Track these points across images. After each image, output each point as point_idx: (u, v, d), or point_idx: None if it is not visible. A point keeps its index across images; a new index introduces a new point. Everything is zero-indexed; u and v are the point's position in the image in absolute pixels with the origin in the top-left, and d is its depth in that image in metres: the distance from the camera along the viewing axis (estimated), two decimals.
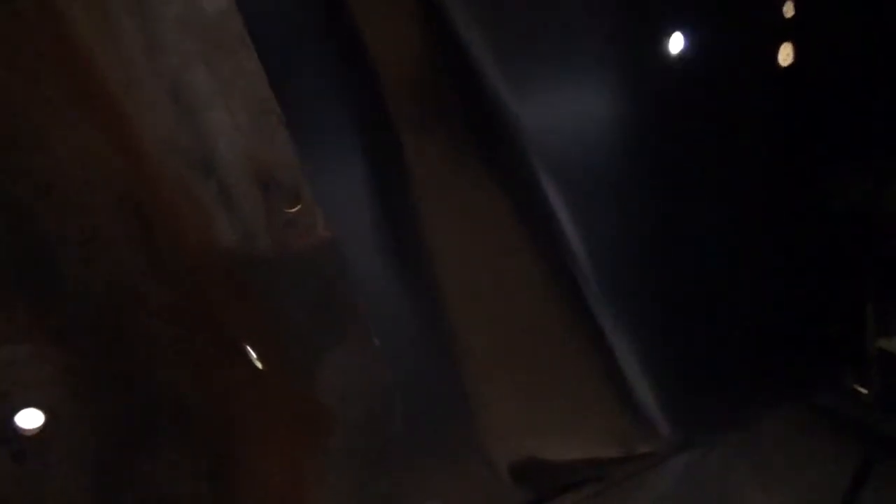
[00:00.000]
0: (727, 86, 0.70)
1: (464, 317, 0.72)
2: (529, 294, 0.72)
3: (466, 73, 0.60)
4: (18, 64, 0.53)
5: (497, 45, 0.60)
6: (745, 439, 0.87)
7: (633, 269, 0.72)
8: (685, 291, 0.76)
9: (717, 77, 0.69)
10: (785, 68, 0.70)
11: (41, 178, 0.57)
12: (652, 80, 0.66)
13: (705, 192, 0.73)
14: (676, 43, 0.64)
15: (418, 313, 0.71)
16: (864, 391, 0.91)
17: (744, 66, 0.70)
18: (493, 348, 0.75)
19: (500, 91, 0.61)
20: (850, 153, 0.79)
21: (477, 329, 0.73)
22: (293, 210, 0.57)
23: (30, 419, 0.61)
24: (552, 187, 0.65)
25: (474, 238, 0.69)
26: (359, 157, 0.63)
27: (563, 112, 0.64)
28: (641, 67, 0.65)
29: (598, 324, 0.71)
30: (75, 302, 0.62)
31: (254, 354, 0.64)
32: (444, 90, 0.62)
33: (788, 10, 0.68)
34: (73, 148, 0.57)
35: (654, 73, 0.65)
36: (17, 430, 0.58)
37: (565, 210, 0.67)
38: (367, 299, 0.65)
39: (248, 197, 0.56)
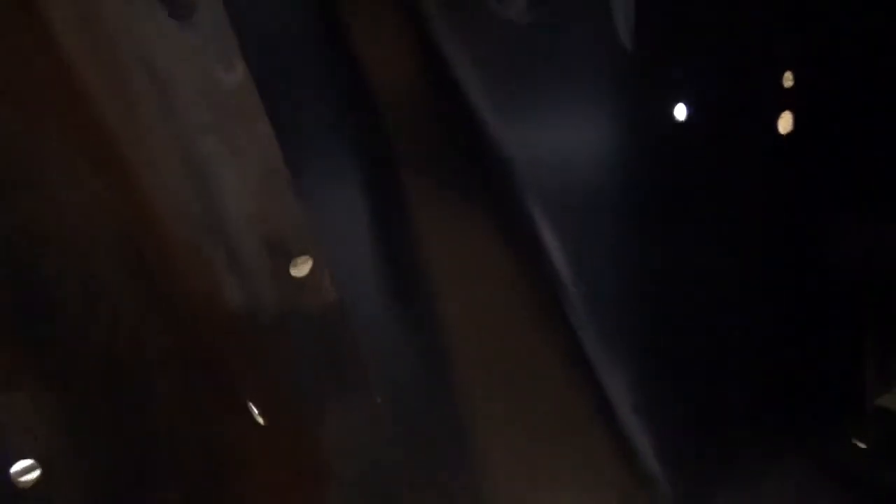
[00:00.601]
0: (727, 150, 0.71)
1: (464, 364, 0.73)
2: (527, 343, 0.72)
3: (465, 116, 0.61)
4: (23, 110, 0.54)
5: (499, 95, 0.61)
6: (745, 494, 0.86)
7: (630, 316, 0.73)
8: (682, 342, 0.77)
9: (718, 141, 0.70)
10: (785, 135, 0.72)
11: (41, 225, 0.58)
12: (654, 138, 0.67)
13: (703, 245, 0.74)
14: (680, 111, 0.65)
15: (418, 359, 0.71)
16: (862, 445, 0.91)
17: (744, 133, 0.71)
18: (492, 396, 0.75)
19: (500, 136, 0.62)
20: (849, 213, 0.81)
21: (476, 376, 0.73)
22: (301, 273, 0.57)
23: (24, 470, 0.60)
24: (548, 231, 0.66)
25: (475, 280, 0.70)
26: (358, 194, 0.64)
27: (561, 158, 0.65)
28: (644, 126, 0.66)
29: (595, 373, 0.72)
30: (73, 350, 0.62)
31: (256, 410, 0.64)
32: (445, 132, 0.63)
33: (788, 81, 0.70)
34: (76, 197, 0.57)
35: (656, 132, 0.67)
36: (11, 482, 0.58)
37: (562, 256, 0.67)
38: (368, 345, 0.66)
39: (256, 260, 0.56)
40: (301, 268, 0.58)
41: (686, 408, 0.78)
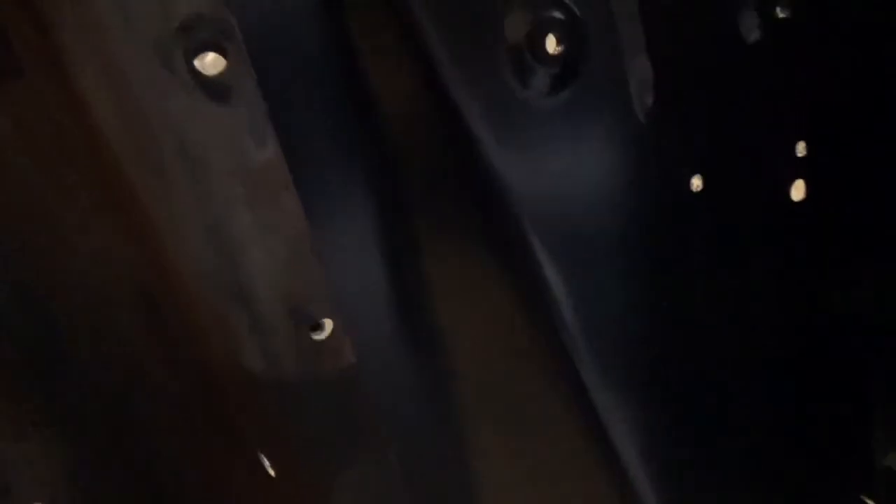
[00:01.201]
0: (741, 217, 0.72)
1: (474, 418, 0.73)
2: (535, 390, 0.73)
3: (473, 156, 0.62)
4: (56, 178, 0.55)
5: (519, 168, 0.62)
6: None
7: (635, 369, 0.73)
8: (687, 398, 0.77)
9: (732, 209, 0.71)
10: (797, 202, 0.73)
11: (64, 285, 0.59)
12: (669, 206, 0.68)
13: (713, 307, 0.75)
14: (696, 182, 0.66)
15: (428, 413, 0.72)
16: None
17: (758, 201, 0.72)
18: (502, 448, 0.75)
19: (518, 205, 0.63)
20: (858, 278, 0.81)
21: (487, 429, 0.74)
22: (322, 339, 0.58)
23: None
24: (554, 277, 0.67)
25: (487, 333, 0.71)
26: (370, 245, 0.65)
27: (578, 225, 0.66)
28: (660, 196, 0.67)
29: (601, 419, 0.72)
30: (84, 401, 0.62)
31: (267, 462, 0.65)
32: (455, 175, 0.64)
33: (800, 150, 0.71)
34: (101, 258, 0.58)
35: (672, 201, 0.68)
36: None
37: (568, 304, 0.68)
38: (381, 402, 0.66)
39: (279, 327, 0.57)
40: (322, 331, 0.58)
41: (690, 457, 0.79)
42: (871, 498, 0.90)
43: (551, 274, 0.65)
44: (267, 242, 0.53)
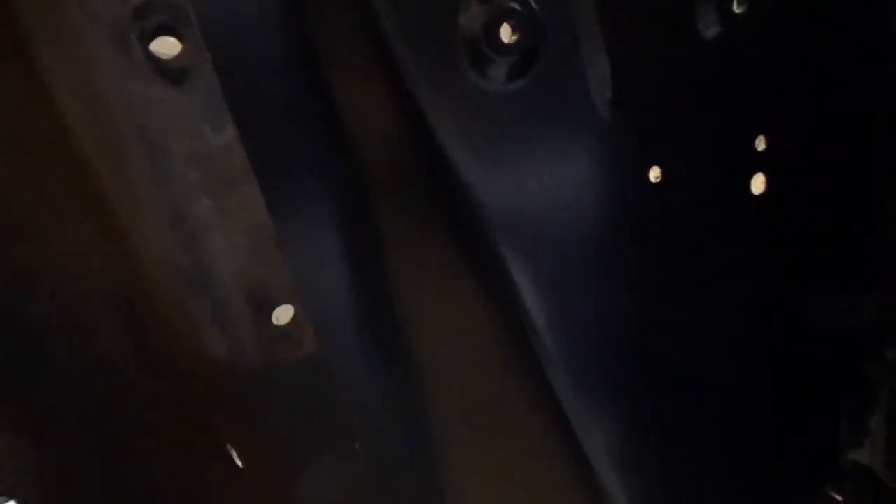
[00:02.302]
0: (702, 209, 0.73)
1: (440, 413, 0.73)
2: (503, 391, 0.73)
3: (445, 174, 0.63)
4: (19, 165, 0.55)
5: (479, 158, 0.62)
6: None
7: (605, 368, 0.74)
8: (660, 399, 0.77)
9: (692, 201, 0.72)
10: (757, 196, 0.74)
11: (31, 274, 0.59)
12: (629, 198, 0.69)
13: (676, 301, 0.76)
14: (655, 173, 0.67)
15: (394, 408, 0.72)
16: (839, 498, 0.92)
17: (718, 193, 0.73)
18: (468, 445, 0.75)
19: (480, 194, 0.64)
20: (821, 273, 0.82)
21: (453, 425, 0.74)
22: (283, 325, 0.58)
23: None
24: (526, 282, 0.68)
25: (451, 328, 0.71)
26: (335, 241, 0.65)
27: (537, 215, 0.66)
28: (620, 187, 0.68)
29: (572, 428, 0.72)
30: (58, 392, 0.62)
31: (235, 452, 0.65)
32: (426, 188, 0.65)
33: (760, 144, 0.72)
34: (70, 245, 0.58)
35: (632, 192, 0.68)
36: None
37: (533, 299, 0.68)
38: (347, 394, 0.66)
39: (241, 314, 0.57)
40: (283, 318, 0.59)
41: (660, 458, 0.79)
42: (837, 491, 0.91)
43: (514, 267, 0.66)
44: (226, 228, 0.53)
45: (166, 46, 0.46)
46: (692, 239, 0.73)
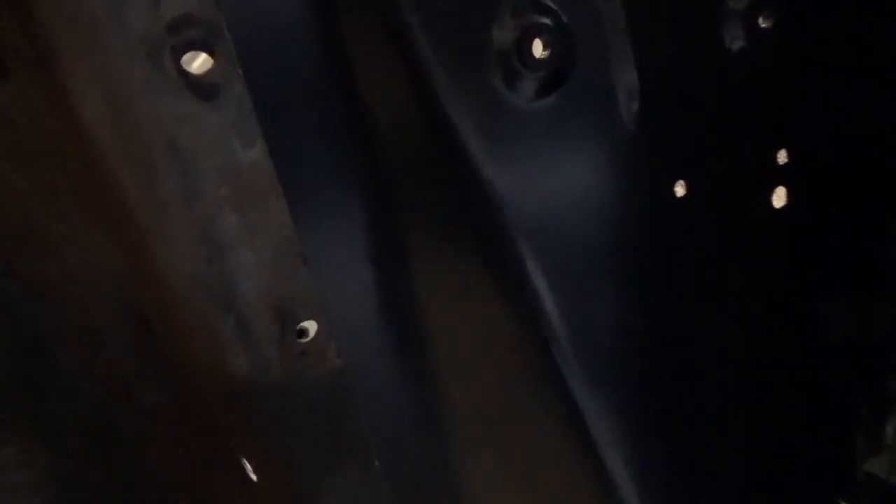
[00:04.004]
0: (724, 222, 0.73)
1: (460, 425, 0.73)
2: (523, 401, 0.73)
3: (461, 161, 0.62)
4: (41, 177, 0.54)
5: (507, 173, 0.62)
6: None
7: (622, 375, 0.74)
8: (676, 405, 0.77)
9: (715, 214, 0.72)
10: (778, 209, 0.74)
11: (48, 286, 0.58)
12: (654, 211, 0.69)
13: (696, 311, 0.76)
14: (680, 188, 0.67)
15: (414, 422, 0.72)
16: None
17: (740, 207, 0.73)
18: (488, 458, 0.75)
19: (508, 214, 0.63)
20: (840, 285, 0.82)
21: (473, 438, 0.74)
22: (307, 341, 0.58)
23: None
24: (541, 282, 0.67)
25: (475, 339, 0.71)
26: (357, 236, 0.65)
27: (564, 230, 0.66)
28: (645, 201, 0.68)
29: (585, 423, 0.72)
30: (68, 402, 0.62)
31: (249, 466, 0.64)
32: (442, 179, 0.65)
33: (782, 158, 0.72)
34: (86, 260, 0.58)
35: (657, 206, 0.68)
36: None
37: (556, 310, 0.68)
38: (367, 409, 0.66)
39: (265, 330, 0.57)
40: (307, 333, 0.58)
41: (675, 465, 0.79)
42: (850, 502, 0.90)
43: (537, 279, 0.66)
44: (253, 244, 0.52)
45: (197, 61, 0.46)
46: (713, 251, 0.73)
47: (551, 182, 0.62)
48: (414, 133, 0.62)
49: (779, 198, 0.74)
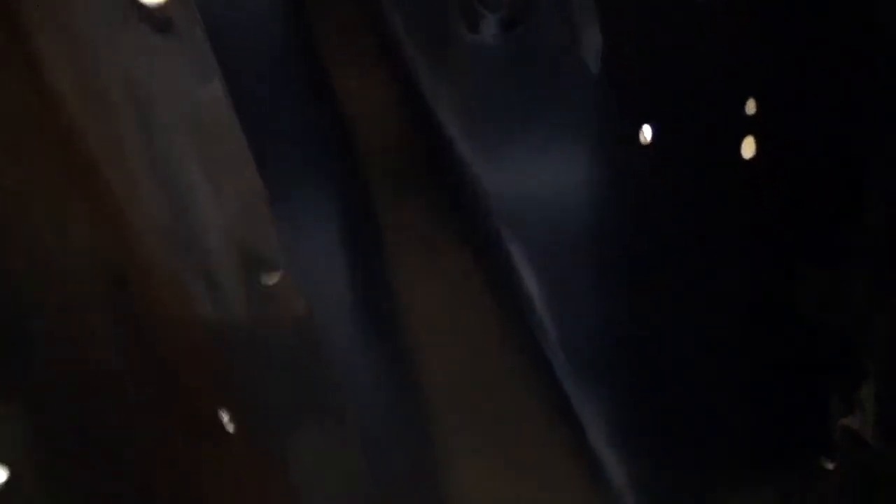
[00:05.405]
0: (693, 173, 0.73)
1: (436, 391, 0.73)
2: (500, 367, 0.73)
3: (439, 145, 0.63)
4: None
5: (469, 121, 0.62)
6: None
7: (603, 348, 0.74)
8: (656, 375, 0.77)
9: (683, 163, 0.72)
10: (748, 160, 0.74)
11: (18, 243, 0.58)
12: (621, 158, 0.69)
13: (674, 275, 0.76)
14: (646, 133, 0.67)
15: (388, 383, 0.72)
16: (830, 465, 0.93)
17: (708, 156, 0.73)
18: (463, 422, 0.75)
19: (470, 163, 0.64)
20: (814, 243, 0.82)
21: (448, 403, 0.74)
22: (272, 284, 0.58)
23: None
24: (521, 259, 0.67)
25: (450, 311, 0.71)
26: (334, 220, 0.65)
27: (531, 187, 0.67)
28: (611, 147, 0.68)
29: (570, 404, 0.72)
30: (41, 360, 0.62)
31: (225, 418, 0.64)
32: (420, 162, 0.65)
33: (750, 108, 0.72)
34: (54, 217, 0.58)
35: (624, 153, 0.69)
36: None
37: (537, 288, 0.68)
38: (340, 368, 0.66)
39: (230, 274, 0.57)
40: (272, 277, 0.59)
41: (662, 443, 0.79)
42: (828, 458, 0.91)
43: (509, 239, 0.66)
44: (215, 188, 0.53)
45: None
46: (681, 202, 0.73)
47: (514, 126, 0.62)
48: (378, 86, 0.62)
49: (748, 148, 0.74)
